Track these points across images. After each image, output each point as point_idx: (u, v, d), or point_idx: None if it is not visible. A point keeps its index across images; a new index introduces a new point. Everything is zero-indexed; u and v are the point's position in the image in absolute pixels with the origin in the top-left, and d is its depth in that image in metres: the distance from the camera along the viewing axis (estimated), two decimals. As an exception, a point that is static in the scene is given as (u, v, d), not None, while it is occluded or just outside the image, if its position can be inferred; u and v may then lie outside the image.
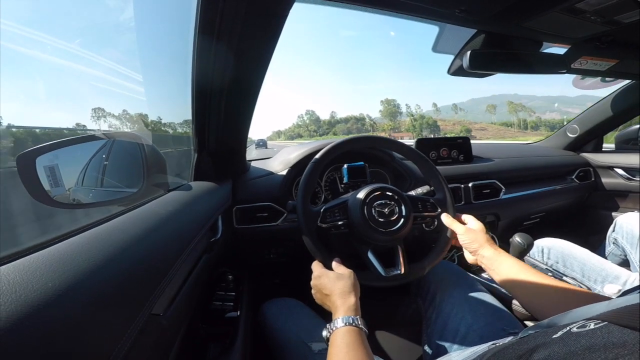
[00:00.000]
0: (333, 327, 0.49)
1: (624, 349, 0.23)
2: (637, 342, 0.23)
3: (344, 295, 0.54)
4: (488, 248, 0.63)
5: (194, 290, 0.53)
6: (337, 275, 0.58)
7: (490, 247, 0.63)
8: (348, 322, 0.49)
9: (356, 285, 0.57)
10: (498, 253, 0.62)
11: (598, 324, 0.28)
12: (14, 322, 0.20)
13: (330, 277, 0.57)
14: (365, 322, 0.50)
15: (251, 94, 0.67)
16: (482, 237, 0.65)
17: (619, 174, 1.45)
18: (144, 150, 0.61)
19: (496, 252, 0.62)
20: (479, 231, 0.67)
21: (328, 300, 0.55)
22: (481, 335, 0.62)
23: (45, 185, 0.44)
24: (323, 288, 0.57)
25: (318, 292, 0.58)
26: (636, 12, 0.68)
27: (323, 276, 0.58)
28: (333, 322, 0.50)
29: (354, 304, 0.53)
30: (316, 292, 0.59)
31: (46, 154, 0.45)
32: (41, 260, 0.27)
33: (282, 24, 0.51)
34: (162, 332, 0.39)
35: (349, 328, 0.48)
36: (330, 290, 0.55)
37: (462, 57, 0.78)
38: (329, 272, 0.59)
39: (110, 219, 0.42)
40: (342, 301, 0.53)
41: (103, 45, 18.58)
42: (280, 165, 1.01)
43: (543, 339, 0.30)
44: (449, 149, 1.27)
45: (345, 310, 0.51)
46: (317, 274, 0.60)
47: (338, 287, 0.55)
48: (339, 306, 0.52)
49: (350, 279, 0.57)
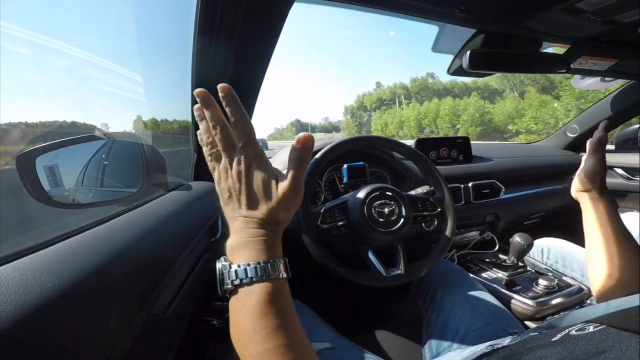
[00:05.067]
0: (236, 277, 0.31)
1: (621, 351, 0.23)
2: (636, 345, 0.23)
3: (270, 222, 0.34)
4: (595, 191, 0.58)
5: (194, 290, 0.53)
6: (287, 197, 0.34)
7: (597, 191, 0.58)
8: (266, 273, 0.31)
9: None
10: (602, 199, 0.58)
11: (597, 327, 0.28)
12: (13, 323, 0.20)
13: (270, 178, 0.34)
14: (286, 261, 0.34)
15: (251, 94, 0.67)
16: (601, 183, 0.59)
17: (619, 174, 1.45)
18: (143, 150, 0.61)
19: (600, 197, 0.58)
20: (602, 177, 0.59)
21: (242, 220, 0.34)
22: (481, 335, 0.62)
23: (45, 185, 0.44)
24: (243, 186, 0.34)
25: (236, 193, 0.34)
26: (636, 12, 0.68)
27: (259, 170, 0.34)
28: (237, 267, 0.31)
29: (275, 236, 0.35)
30: (231, 189, 0.34)
31: (46, 154, 0.45)
32: (41, 260, 0.27)
33: (282, 23, 0.52)
34: (162, 332, 0.39)
35: (265, 285, 0.31)
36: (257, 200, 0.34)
37: (462, 57, 0.78)
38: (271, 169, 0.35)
39: (110, 219, 0.42)
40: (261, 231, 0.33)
41: (101, 44, 18.64)
42: (280, 165, 1.01)
43: (542, 342, 0.30)
44: (448, 148, 1.28)
45: (263, 250, 0.33)
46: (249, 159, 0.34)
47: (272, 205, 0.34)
48: (249, 236, 0.33)
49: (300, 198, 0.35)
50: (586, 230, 0.58)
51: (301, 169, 0.34)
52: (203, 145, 0.36)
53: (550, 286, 0.86)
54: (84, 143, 0.56)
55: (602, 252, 0.53)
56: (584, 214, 0.59)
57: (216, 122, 0.34)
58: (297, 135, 0.34)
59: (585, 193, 0.59)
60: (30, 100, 0.73)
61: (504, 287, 0.90)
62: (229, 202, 0.35)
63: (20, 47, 0.61)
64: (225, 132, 0.34)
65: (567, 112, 14.10)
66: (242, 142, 0.33)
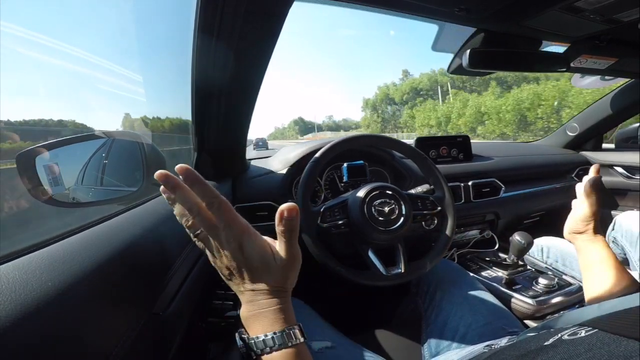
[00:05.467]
0: (257, 347, 0.32)
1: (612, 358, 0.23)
2: (627, 352, 0.23)
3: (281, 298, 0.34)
4: (590, 233, 0.59)
5: (194, 289, 0.53)
6: (287, 268, 0.35)
7: (592, 232, 0.59)
8: (284, 341, 0.32)
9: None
10: (595, 240, 0.58)
11: (589, 331, 0.28)
12: (13, 322, 0.20)
13: (277, 264, 0.34)
14: (301, 327, 0.34)
15: (251, 93, 0.67)
16: (595, 226, 0.59)
17: (619, 173, 1.45)
18: (143, 149, 0.61)
19: (594, 238, 0.58)
20: (596, 220, 0.59)
21: (250, 293, 0.34)
22: (480, 335, 0.62)
23: (45, 184, 0.44)
24: (252, 270, 0.34)
25: (235, 270, 0.34)
26: (635, 11, 0.68)
27: (265, 256, 0.34)
28: (256, 339, 0.32)
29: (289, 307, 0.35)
30: (230, 267, 0.34)
31: (46, 152, 0.45)
32: (41, 259, 0.27)
33: (281, 23, 0.51)
34: (162, 332, 0.39)
35: (286, 352, 0.32)
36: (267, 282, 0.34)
37: (462, 56, 0.78)
38: (273, 255, 0.34)
39: (110, 218, 0.42)
40: (278, 306, 0.34)
41: (100, 44, 18.53)
42: (280, 164, 1.01)
43: (535, 345, 0.30)
44: (448, 147, 1.27)
45: (277, 319, 0.33)
46: (250, 245, 0.33)
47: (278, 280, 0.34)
48: (270, 311, 0.33)
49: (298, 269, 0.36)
50: (582, 270, 0.59)
51: (293, 238, 0.34)
52: (185, 227, 0.34)
53: (550, 285, 0.86)
54: (84, 142, 0.56)
55: (598, 290, 0.54)
56: (579, 255, 0.60)
57: (190, 205, 0.32)
58: (280, 208, 0.32)
59: (578, 235, 0.60)
60: (30, 101, 0.73)
61: (504, 286, 0.90)
62: (232, 278, 0.35)
63: (20, 47, 0.61)
64: (203, 214, 0.32)
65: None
66: (222, 222, 0.32)
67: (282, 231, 0.33)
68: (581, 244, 0.59)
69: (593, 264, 0.56)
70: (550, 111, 23.22)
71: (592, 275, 0.56)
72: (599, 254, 0.56)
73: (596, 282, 0.55)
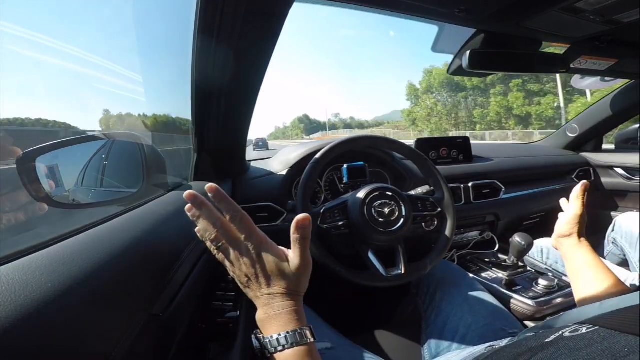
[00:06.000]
0: (271, 346, 0.35)
1: (612, 353, 0.23)
2: (628, 347, 0.23)
3: (293, 300, 0.38)
4: (575, 238, 0.61)
5: (194, 290, 0.53)
6: (301, 272, 0.38)
7: (576, 237, 0.61)
8: (296, 340, 0.35)
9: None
10: (580, 245, 0.60)
11: (590, 328, 0.28)
12: (13, 323, 0.20)
13: (290, 270, 0.38)
14: (311, 328, 0.37)
15: (251, 93, 0.67)
16: (580, 229, 0.61)
17: (619, 174, 1.45)
18: (143, 151, 0.61)
19: (579, 244, 0.60)
20: (581, 223, 0.62)
21: (267, 297, 0.37)
22: (480, 335, 0.62)
23: (45, 185, 0.44)
24: (268, 274, 0.37)
25: (253, 276, 0.37)
26: (635, 12, 0.68)
27: (278, 263, 0.38)
28: (270, 338, 0.36)
29: (299, 308, 0.38)
30: (248, 274, 0.37)
31: (46, 154, 0.45)
32: (41, 260, 0.27)
33: (282, 23, 0.52)
34: (162, 333, 0.38)
35: (297, 350, 0.35)
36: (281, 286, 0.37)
37: (462, 57, 0.78)
38: (284, 263, 0.38)
39: (110, 219, 0.41)
40: (290, 307, 0.37)
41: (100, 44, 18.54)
42: (280, 165, 1.01)
43: (536, 343, 0.30)
44: (448, 148, 1.28)
45: (291, 320, 0.36)
46: (266, 253, 0.38)
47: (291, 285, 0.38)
48: (281, 312, 0.37)
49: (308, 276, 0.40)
50: (569, 276, 0.60)
51: (306, 245, 0.38)
52: (206, 240, 0.38)
53: (550, 286, 0.86)
54: (84, 143, 0.56)
55: (586, 295, 0.55)
56: (565, 261, 0.62)
57: (215, 220, 0.37)
58: (294, 219, 0.36)
59: (564, 239, 0.62)
60: (29, 100, 0.73)
61: (504, 287, 0.90)
62: (249, 284, 0.38)
63: (19, 46, 0.61)
64: (226, 227, 0.37)
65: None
66: (244, 233, 0.37)
67: (297, 239, 0.37)
68: (567, 249, 0.61)
69: (579, 269, 0.57)
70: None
71: (579, 280, 0.57)
72: (584, 259, 0.57)
73: (583, 287, 0.56)
